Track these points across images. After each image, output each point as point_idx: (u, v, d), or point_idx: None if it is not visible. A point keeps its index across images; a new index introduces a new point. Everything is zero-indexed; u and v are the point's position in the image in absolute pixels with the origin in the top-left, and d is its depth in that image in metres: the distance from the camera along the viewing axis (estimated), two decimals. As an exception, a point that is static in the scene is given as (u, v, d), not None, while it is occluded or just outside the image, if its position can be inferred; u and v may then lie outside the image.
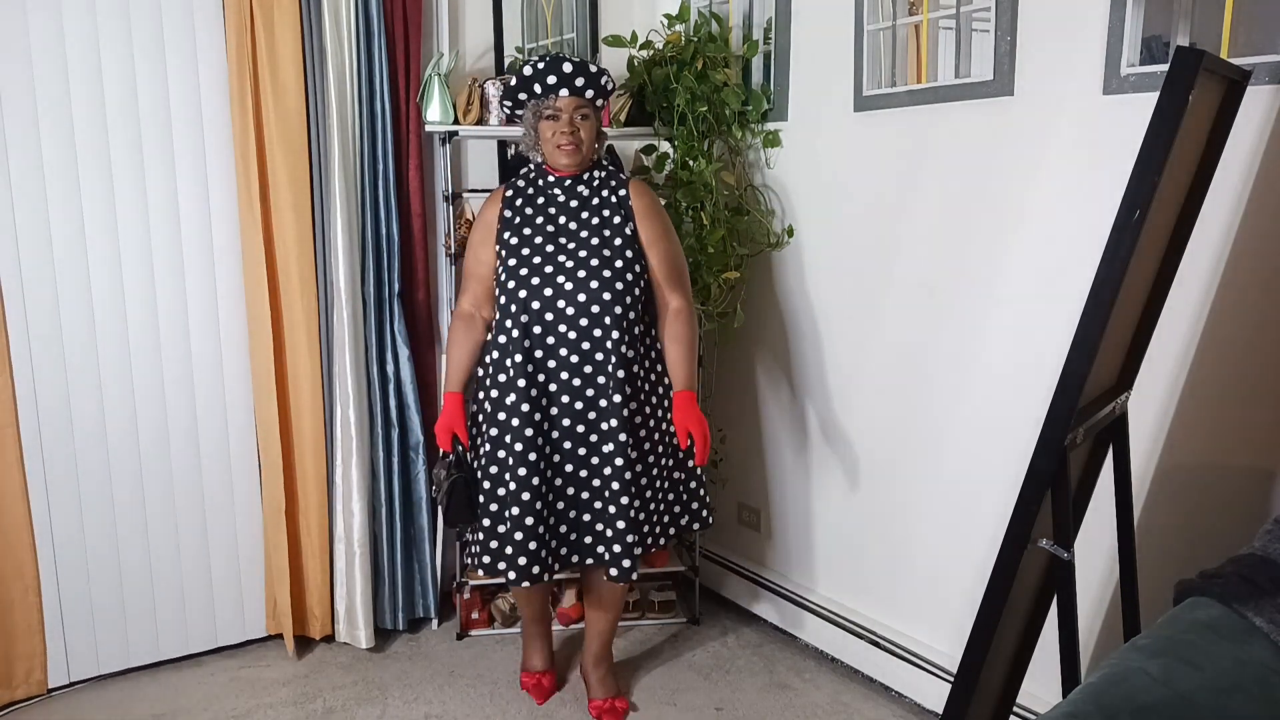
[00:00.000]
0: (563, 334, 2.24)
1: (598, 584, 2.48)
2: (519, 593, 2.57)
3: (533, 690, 2.63)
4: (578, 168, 2.31)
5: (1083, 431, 1.51)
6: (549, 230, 2.29)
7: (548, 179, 2.34)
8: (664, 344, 2.34)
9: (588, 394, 2.26)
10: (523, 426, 2.24)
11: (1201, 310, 1.90)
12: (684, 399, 2.26)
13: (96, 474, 2.58)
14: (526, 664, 2.68)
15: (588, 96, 2.27)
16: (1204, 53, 1.35)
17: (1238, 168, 1.80)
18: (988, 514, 2.31)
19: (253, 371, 2.70)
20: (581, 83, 2.24)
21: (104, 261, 2.51)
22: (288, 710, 2.56)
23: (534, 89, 2.25)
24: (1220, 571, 1.46)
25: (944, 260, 2.37)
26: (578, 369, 2.25)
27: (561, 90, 2.24)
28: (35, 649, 2.56)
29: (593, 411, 2.27)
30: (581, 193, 2.33)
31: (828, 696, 2.63)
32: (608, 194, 2.33)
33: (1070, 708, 1.22)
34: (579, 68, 2.24)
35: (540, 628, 2.65)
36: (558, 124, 2.25)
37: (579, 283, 2.24)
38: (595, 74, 2.26)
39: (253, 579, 2.84)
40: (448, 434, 2.32)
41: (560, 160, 2.28)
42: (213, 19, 2.55)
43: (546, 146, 2.29)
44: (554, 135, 2.25)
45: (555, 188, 2.33)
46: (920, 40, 2.38)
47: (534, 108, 2.27)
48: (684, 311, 2.33)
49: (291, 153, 2.60)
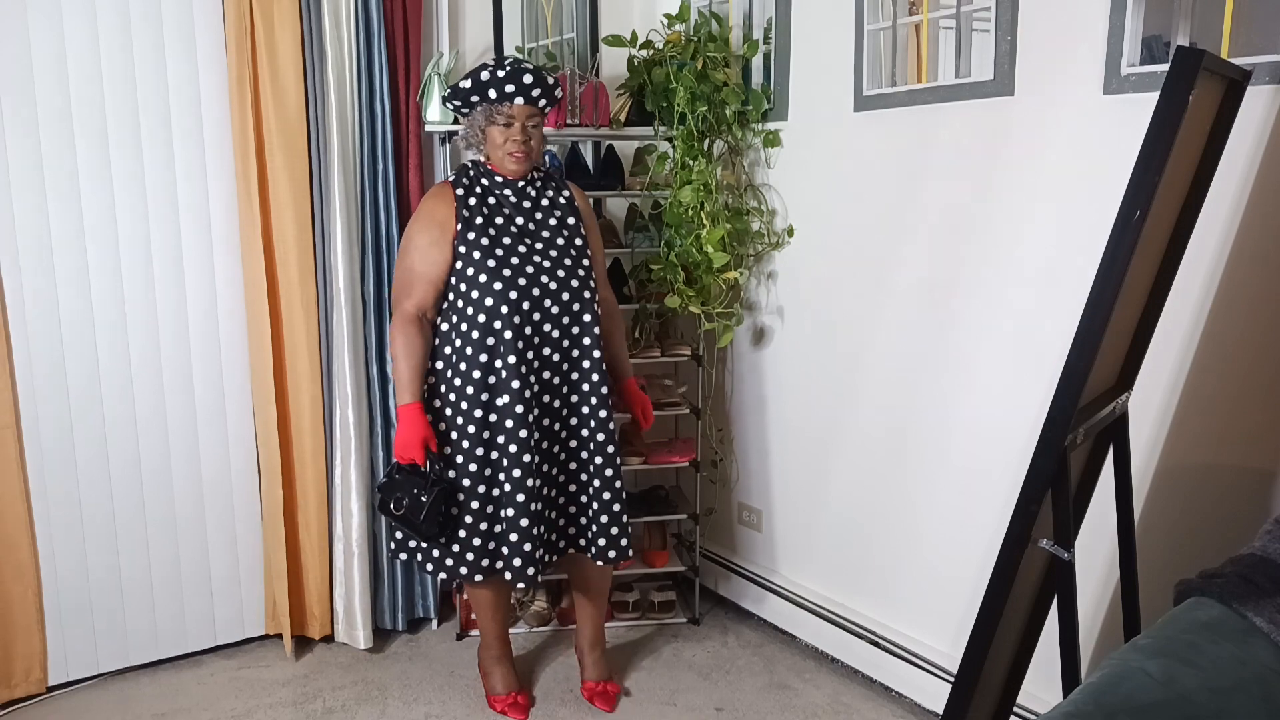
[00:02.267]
0: (547, 333, 2.29)
1: (589, 570, 2.51)
2: (487, 609, 2.52)
3: (510, 710, 2.54)
4: (525, 173, 2.34)
5: (1083, 431, 1.51)
6: (513, 231, 2.31)
7: (495, 179, 2.35)
8: (605, 336, 2.45)
9: (564, 390, 2.35)
10: (517, 428, 2.25)
11: (1201, 310, 1.89)
12: (634, 384, 2.56)
13: (96, 474, 2.58)
14: (491, 689, 2.59)
15: (540, 105, 2.29)
16: (1204, 53, 1.35)
17: (1238, 168, 1.80)
18: (988, 513, 2.31)
19: (252, 371, 2.70)
20: (538, 93, 2.27)
21: (104, 261, 2.51)
22: (287, 710, 2.56)
23: (489, 94, 2.25)
24: (1220, 571, 1.46)
25: (944, 260, 2.37)
26: (559, 366, 2.32)
27: (517, 99, 2.25)
28: (35, 647, 2.56)
29: (568, 407, 2.35)
30: (530, 194, 2.36)
31: (828, 696, 2.63)
32: (554, 195, 2.39)
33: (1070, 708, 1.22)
34: (537, 78, 2.26)
35: (503, 648, 2.60)
36: (510, 131, 2.26)
37: (560, 281, 2.29)
38: (551, 85, 2.29)
39: (252, 579, 2.84)
40: (419, 446, 2.23)
41: (509, 166, 2.30)
42: (213, 19, 2.55)
43: (495, 151, 2.30)
44: (506, 142, 2.27)
45: (505, 189, 2.35)
46: (920, 40, 2.38)
47: (486, 111, 2.28)
48: (616, 305, 2.58)
49: (291, 153, 2.60)
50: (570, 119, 2.79)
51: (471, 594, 2.53)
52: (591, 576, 2.55)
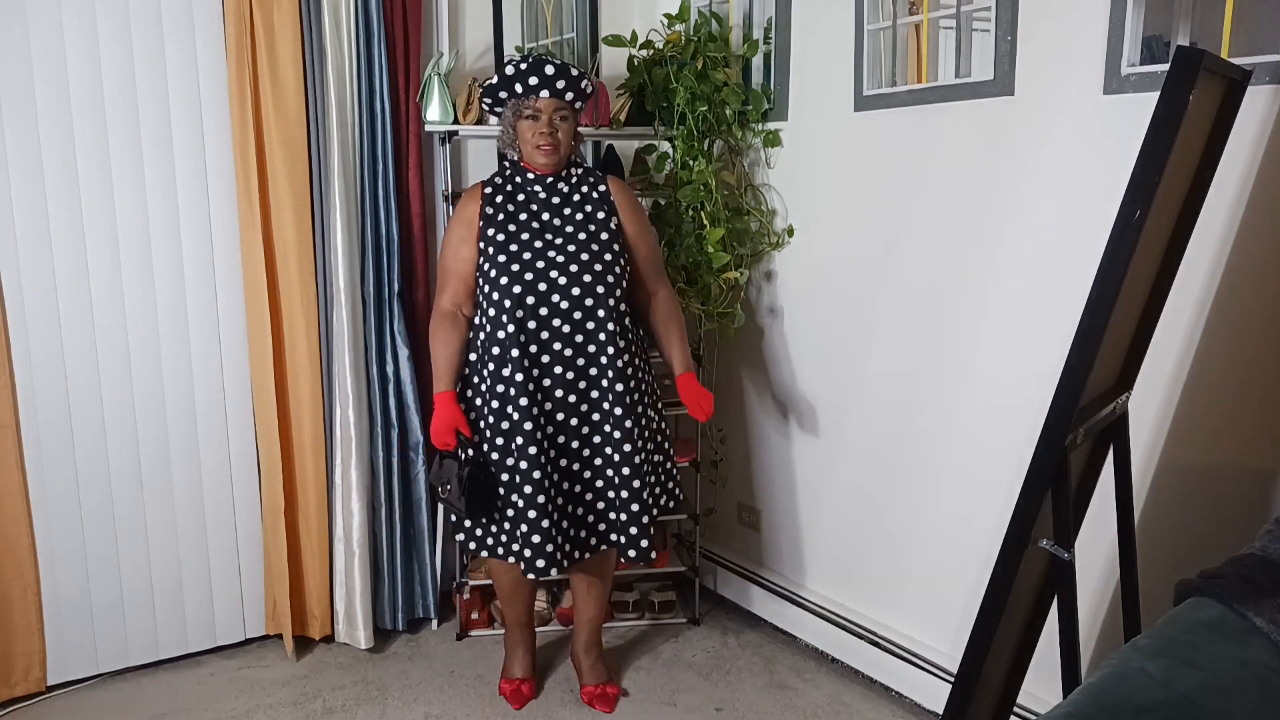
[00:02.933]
0: (557, 328, 2.28)
1: (590, 572, 2.51)
2: (506, 595, 2.58)
3: (511, 697, 2.60)
4: (556, 167, 2.34)
5: (1083, 431, 1.51)
6: (534, 227, 2.32)
7: (526, 176, 2.37)
8: (658, 332, 2.44)
9: (581, 386, 2.32)
10: (522, 420, 2.26)
11: (1201, 310, 1.89)
12: (689, 379, 2.43)
13: (96, 473, 2.58)
14: (507, 671, 2.67)
15: (568, 99, 2.29)
16: (1204, 53, 1.35)
17: (1238, 168, 1.80)
18: (988, 514, 2.31)
19: (252, 371, 2.70)
20: (562, 85, 2.27)
21: (103, 261, 2.51)
22: (287, 710, 2.56)
23: (515, 89, 2.28)
24: (1220, 571, 1.46)
25: (944, 260, 2.37)
26: (571, 362, 2.30)
27: (542, 91, 2.26)
28: (34, 647, 2.56)
29: (588, 403, 2.33)
30: (562, 190, 2.36)
31: (828, 696, 2.63)
32: (588, 190, 2.38)
33: (1070, 708, 1.21)
34: (560, 70, 2.26)
35: (525, 634, 2.65)
36: (537, 124, 2.28)
37: (572, 277, 2.28)
38: (576, 77, 2.28)
39: (252, 579, 2.84)
40: (450, 432, 2.33)
41: (539, 160, 2.31)
42: (213, 19, 2.55)
43: (525, 146, 2.32)
44: (533, 136, 2.29)
45: (535, 185, 2.36)
46: (920, 40, 2.38)
47: (513, 106, 2.30)
48: (673, 299, 2.49)
49: (291, 153, 2.60)
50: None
51: (493, 577, 2.59)
52: (586, 578, 2.54)
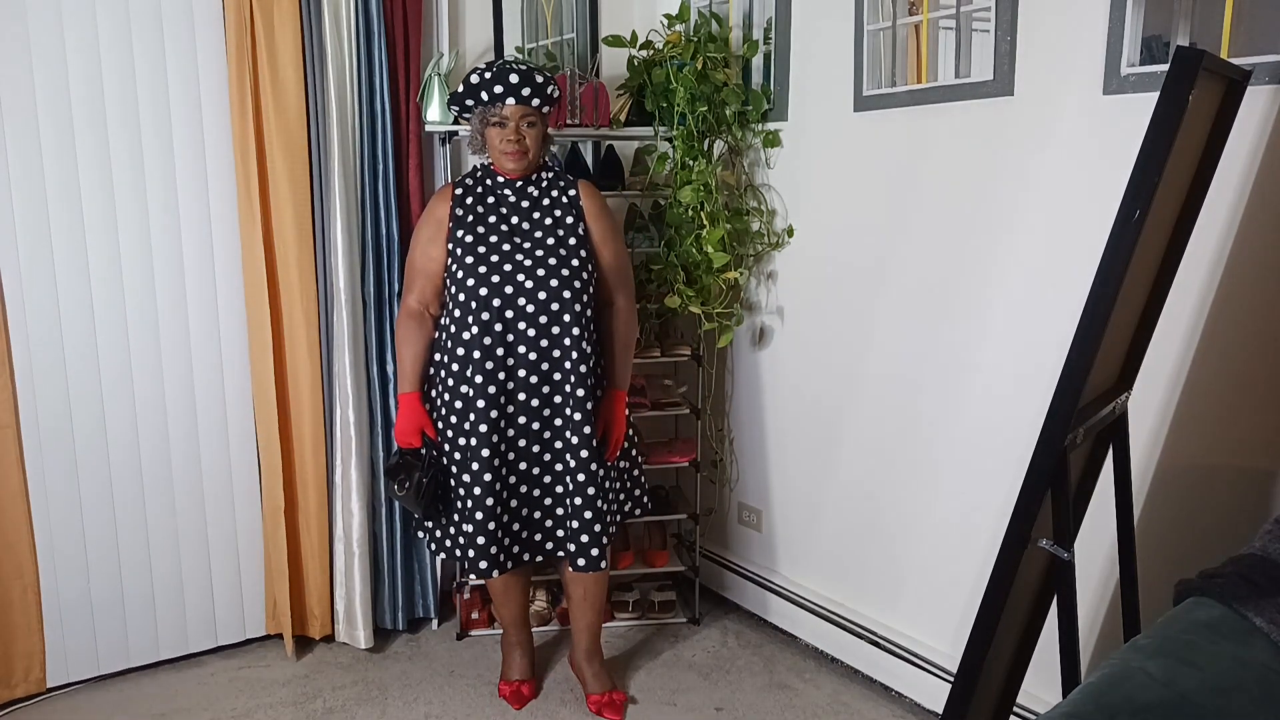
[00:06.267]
0: (522, 331, 2.29)
1: (577, 579, 2.51)
2: (498, 596, 2.57)
3: (511, 698, 2.59)
4: (525, 171, 2.36)
5: (1083, 431, 1.51)
6: (503, 229, 2.33)
7: (496, 179, 2.38)
8: (604, 340, 2.43)
9: (544, 390, 2.33)
10: (479, 422, 2.28)
11: (1201, 310, 1.89)
12: (618, 397, 2.42)
13: (96, 474, 2.58)
14: (506, 673, 2.66)
15: (534, 105, 2.29)
16: (1204, 53, 1.35)
17: (1238, 168, 1.80)
18: (988, 514, 2.31)
19: (252, 371, 2.70)
20: (528, 92, 2.27)
21: (104, 261, 2.51)
22: (288, 710, 2.56)
23: (480, 96, 2.28)
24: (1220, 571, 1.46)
25: (944, 260, 2.37)
26: (536, 366, 2.31)
27: (508, 99, 2.27)
28: (34, 647, 2.56)
29: (550, 407, 2.34)
30: (531, 193, 2.37)
31: (828, 696, 2.63)
32: (558, 194, 2.39)
33: (1070, 708, 1.21)
34: (525, 77, 2.26)
35: (521, 634, 2.64)
36: (504, 131, 2.29)
37: (538, 280, 2.29)
38: (541, 84, 2.29)
39: (252, 579, 2.84)
40: (416, 434, 2.39)
41: (507, 165, 2.33)
42: (213, 19, 2.55)
43: (493, 152, 2.34)
44: (501, 143, 2.30)
45: (505, 188, 2.38)
46: (920, 40, 2.38)
47: (481, 114, 2.31)
48: (627, 310, 2.46)
49: (291, 153, 2.60)
50: (570, 119, 2.80)
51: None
52: (575, 584, 2.53)
